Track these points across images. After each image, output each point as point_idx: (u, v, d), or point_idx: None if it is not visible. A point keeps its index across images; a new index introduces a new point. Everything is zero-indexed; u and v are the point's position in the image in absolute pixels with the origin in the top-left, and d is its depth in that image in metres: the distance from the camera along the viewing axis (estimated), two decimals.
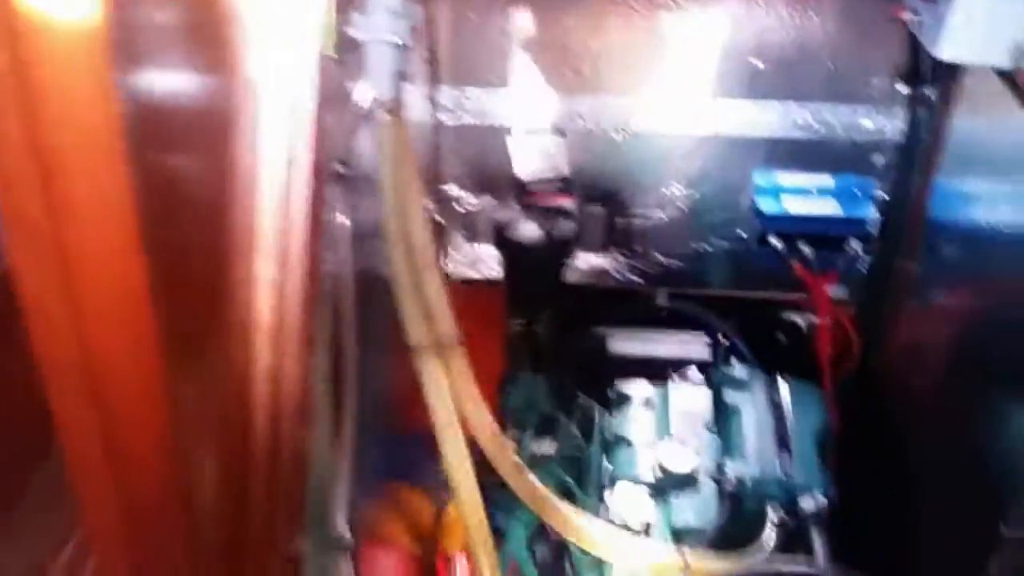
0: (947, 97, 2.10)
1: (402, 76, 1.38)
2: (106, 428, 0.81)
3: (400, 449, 2.09)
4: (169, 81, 0.97)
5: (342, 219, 1.41)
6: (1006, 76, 1.70)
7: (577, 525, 1.71)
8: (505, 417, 2.43)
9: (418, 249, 1.56)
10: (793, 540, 1.85)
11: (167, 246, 0.86)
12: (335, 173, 1.40)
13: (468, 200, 2.55)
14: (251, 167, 1.13)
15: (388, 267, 1.57)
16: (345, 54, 1.35)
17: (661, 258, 2.58)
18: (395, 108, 1.40)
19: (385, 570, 2.07)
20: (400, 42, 1.30)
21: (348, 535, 1.56)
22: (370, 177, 1.52)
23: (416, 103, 2.24)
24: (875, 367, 2.43)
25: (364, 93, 1.42)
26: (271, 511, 1.23)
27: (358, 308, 1.59)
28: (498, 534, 2.04)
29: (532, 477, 1.69)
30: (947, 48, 1.67)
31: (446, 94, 2.39)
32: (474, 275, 2.62)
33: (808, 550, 1.82)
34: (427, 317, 1.59)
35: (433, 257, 1.59)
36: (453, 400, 1.65)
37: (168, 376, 0.85)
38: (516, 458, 1.67)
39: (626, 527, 1.82)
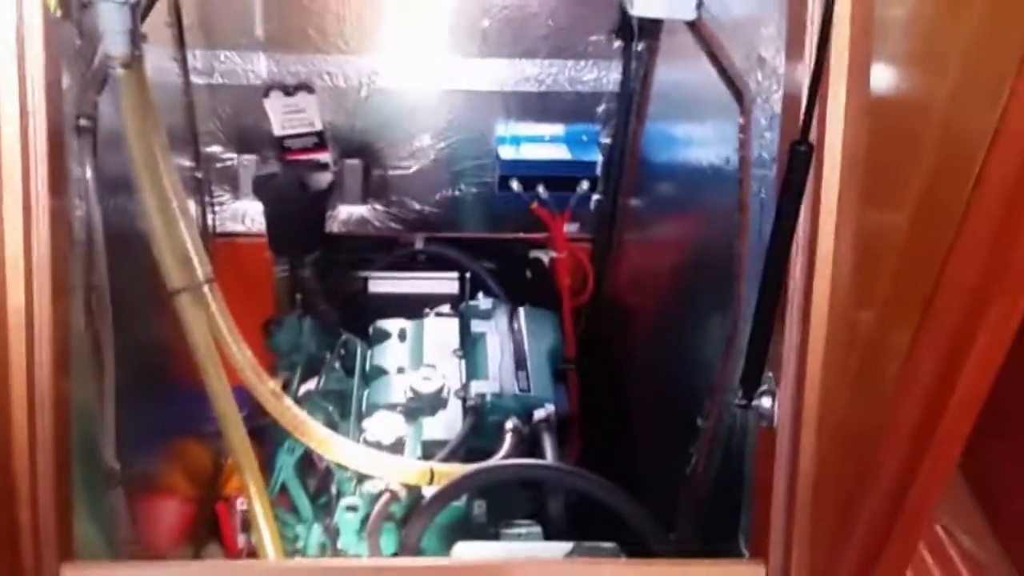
0: (652, 50, 2.30)
1: (136, 34, 1.43)
2: None
3: (179, 401, 2.13)
4: None
5: (88, 171, 1.46)
6: (693, 27, 1.89)
7: (334, 445, 1.82)
8: (274, 359, 2.52)
9: (169, 197, 1.59)
10: (528, 445, 2.01)
11: None
12: (78, 127, 1.44)
13: (228, 157, 2.59)
14: None
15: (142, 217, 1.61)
16: (77, 12, 1.39)
17: (416, 206, 2.70)
18: (130, 63, 1.44)
19: (161, 515, 2.12)
20: (126, 1, 1.36)
21: (117, 467, 1.61)
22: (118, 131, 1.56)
23: (164, 65, 2.27)
24: (606, 294, 2.66)
25: (101, 50, 1.46)
26: (33, 457, 1.29)
27: (119, 259, 1.61)
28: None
29: (290, 402, 1.79)
30: (638, 5, 1.86)
31: (199, 57, 2.43)
32: (239, 228, 2.69)
33: (541, 453, 1.99)
34: (183, 262, 1.63)
35: (184, 203, 1.63)
36: (214, 339, 1.70)
37: None
38: (274, 386, 1.76)
39: (380, 446, 1.95)
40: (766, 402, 1.36)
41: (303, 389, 2.36)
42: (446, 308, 2.42)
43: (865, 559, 1.22)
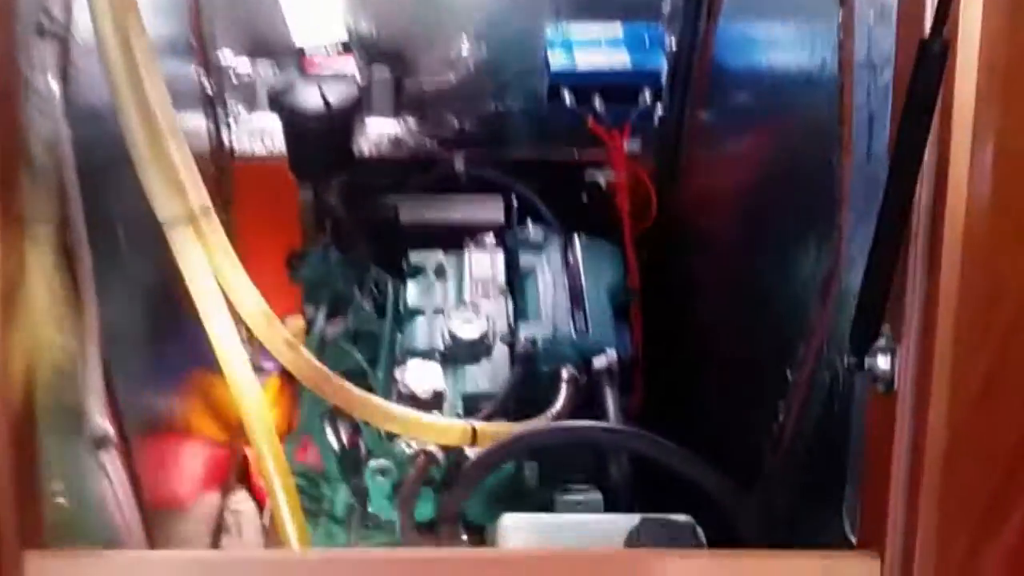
0: None
1: None
2: None
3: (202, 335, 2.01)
4: None
5: (54, 82, 1.27)
6: None
7: (358, 401, 1.64)
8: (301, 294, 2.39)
9: (156, 113, 1.42)
10: (586, 399, 1.84)
11: None
12: (40, 27, 1.25)
13: (243, 68, 2.42)
14: None
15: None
16: None
17: (456, 121, 2.52)
18: None
19: (182, 461, 2.00)
20: None
21: (108, 429, 1.44)
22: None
23: None
24: (672, 218, 2.46)
25: None
26: None
27: (118, 183, 1.48)
28: None
29: (306, 353, 1.60)
30: None
31: None
32: (258, 149, 2.53)
33: (601, 407, 1.81)
34: (173, 187, 1.46)
35: (174, 120, 1.46)
36: (215, 276, 1.54)
37: None
38: (287, 334, 1.58)
39: (415, 399, 1.78)
40: (883, 362, 1.15)
41: (330, 331, 2.21)
42: (490, 238, 2.22)
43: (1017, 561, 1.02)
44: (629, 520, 1.48)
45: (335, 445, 2.02)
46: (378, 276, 2.26)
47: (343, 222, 2.41)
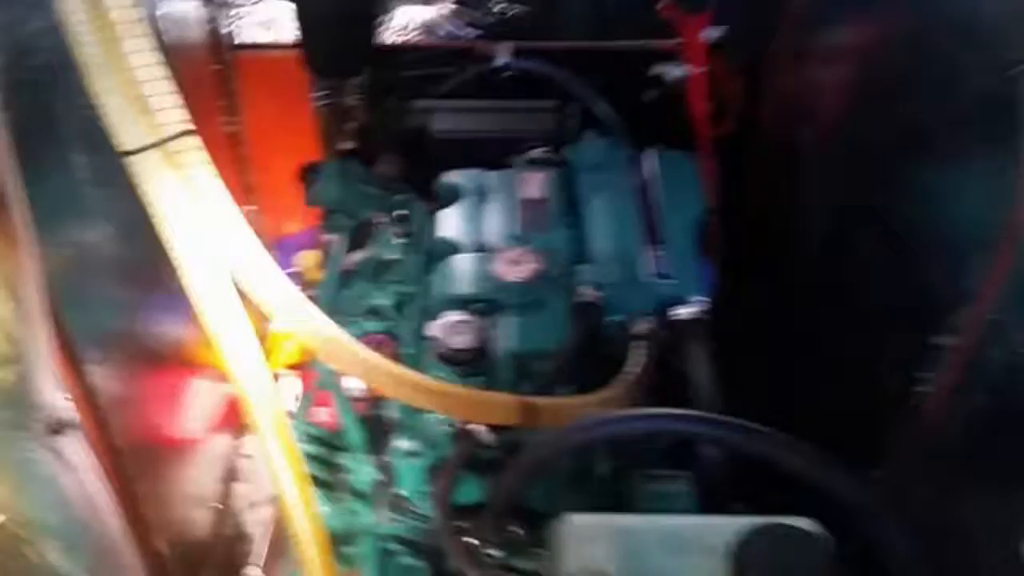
0: None
1: None
2: None
3: None
4: None
5: None
6: None
7: (382, 371, 1.37)
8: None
9: (112, 9, 1.18)
10: (666, 359, 1.59)
11: None
12: None
13: None
14: None
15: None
16: None
17: (499, 4, 2.34)
18: None
19: (187, 399, 1.85)
20: None
21: (66, 409, 1.26)
22: None
23: None
24: (760, 123, 2.22)
25: None
26: None
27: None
28: None
29: (310, 308, 1.35)
30: None
31: None
32: (267, 38, 2.38)
33: (684, 370, 1.57)
34: (138, 107, 1.22)
35: (136, 17, 1.21)
36: (194, 212, 1.30)
37: None
38: (286, 282, 1.33)
39: (451, 360, 1.52)
40: None
41: (348, 260, 1.99)
42: (542, 152, 1.97)
43: None
44: (732, 524, 1.21)
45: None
46: (406, 198, 2.03)
47: (366, 129, 2.20)
